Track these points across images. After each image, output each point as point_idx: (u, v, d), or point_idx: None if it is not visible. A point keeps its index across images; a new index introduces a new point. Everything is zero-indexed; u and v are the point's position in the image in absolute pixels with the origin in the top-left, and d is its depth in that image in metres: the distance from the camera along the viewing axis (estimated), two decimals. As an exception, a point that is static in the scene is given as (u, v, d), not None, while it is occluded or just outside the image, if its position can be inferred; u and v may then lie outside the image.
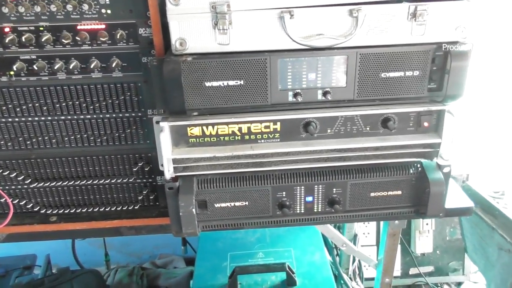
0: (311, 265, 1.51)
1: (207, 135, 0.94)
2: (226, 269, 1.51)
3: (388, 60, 0.90)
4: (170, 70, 0.86)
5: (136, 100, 1.02)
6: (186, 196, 0.95)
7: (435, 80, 0.92)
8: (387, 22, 0.88)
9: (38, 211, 1.13)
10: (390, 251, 1.38)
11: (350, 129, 0.96)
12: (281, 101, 0.92)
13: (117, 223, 1.11)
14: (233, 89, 0.90)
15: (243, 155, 0.95)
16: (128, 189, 1.12)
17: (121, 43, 0.97)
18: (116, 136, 1.06)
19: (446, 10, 0.88)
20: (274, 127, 0.94)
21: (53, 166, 1.08)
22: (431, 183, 0.97)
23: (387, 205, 1.03)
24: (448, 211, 1.04)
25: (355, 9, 0.86)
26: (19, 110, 1.02)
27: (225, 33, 0.87)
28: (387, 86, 0.92)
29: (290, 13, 0.85)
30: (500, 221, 1.42)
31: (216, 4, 0.85)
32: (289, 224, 1.04)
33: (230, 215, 1.01)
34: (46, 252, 1.91)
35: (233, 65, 0.88)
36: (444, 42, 0.89)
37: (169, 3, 0.85)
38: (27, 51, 0.96)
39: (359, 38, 0.88)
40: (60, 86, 1.00)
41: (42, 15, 0.93)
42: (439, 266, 2.12)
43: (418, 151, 0.97)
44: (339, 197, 1.01)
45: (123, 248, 2.35)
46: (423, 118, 0.95)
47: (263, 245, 1.61)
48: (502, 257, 1.41)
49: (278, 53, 0.88)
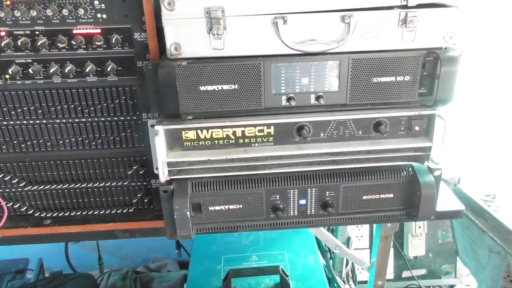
0: (304, 268, 1.52)
1: (201, 139, 0.95)
2: (220, 272, 1.51)
3: (380, 65, 0.91)
4: (165, 74, 0.87)
5: (131, 104, 1.03)
6: (181, 199, 0.96)
7: (425, 85, 0.94)
8: (379, 28, 0.89)
9: (32, 214, 1.13)
10: (383, 253, 1.39)
11: (342, 133, 0.97)
12: (274, 105, 0.93)
13: (111, 226, 1.11)
14: (228, 93, 0.91)
15: (237, 158, 0.96)
16: (123, 192, 1.12)
17: (117, 47, 0.98)
18: (111, 140, 1.06)
19: (435, 17, 0.90)
20: (268, 131, 0.96)
21: (48, 169, 1.08)
22: (422, 186, 0.99)
23: (380, 208, 1.04)
24: (439, 214, 1.06)
25: (347, 15, 0.88)
26: (14, 113, 1.02)
27: (219, 38, 0.88)
28: (379, 91, 0.94)
29: (283, 19, 0.87)
30: (490, 224, 1.44)
31: (210, 9, 0.86)
32: (282, 227, 1.05)
33: (224, 218, 1.01)
34: (39, 256, 1.90)
35: (228, 69, 0.89)
36: (434, 48, 0.91)
37: (164, 8, 0.86)
38: (23, 54, 0.97)
39: (351, 44, 0.90)
40: (55, 90, 1.00)
41: (38, 19, 0.94)
42: (431, 269, 2.14)
43: (409, 154, 0.99)
44: (332, 200, 1.02)
45: (117, 251, 2.35)
46: (414, 122, 0.97)
47: (257, 248, 1.61)
48: (492, 259, 1.43)
49: (272, 58, 0.90)
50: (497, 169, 1.87)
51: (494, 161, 1.88)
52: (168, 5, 0.86)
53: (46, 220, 1.12)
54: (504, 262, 1.37)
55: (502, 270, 1.38)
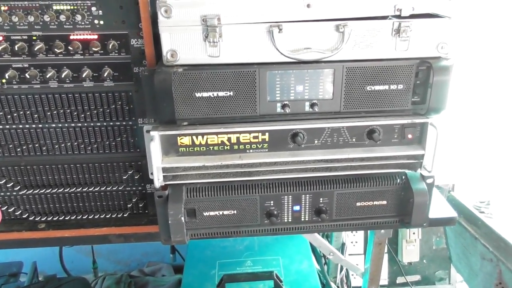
0: (299, 273, 1.53)
1: (196, 145, 0.96)
2: (215, 277, 1.51)
3: (373, 74, 0.92)
4: (161, 80, 0.88)
5: (127, 109, 1.03)
6: (175, 205, 0.96)
7: (418, 93, 0.95)
8: (372, 37, 0.91)
9: (27, 218, 1.13)
10: (376, 259, 1.40)
11: (336, 140, 0.98)
12: (269, 112, 0.94)
13: (106, 231, 1.11)
14: (223, 100, 0.92)
15: (232, 164, 0.97)
16: (118, 196, 1.13)
17: (113, 53, 0.98)
18: (107, 144, 1.07)
19: (428, 27, 0.91)
20: (262, 137, 0.96)
21: (43, 173, 1.08)
22: (415, 193, 1.00)
23: (373, 214, 1.05)
24: (432, 221, 1.07)
25: (342, 24, 0.89)
26: (10, 117, 1.02)
27: (215, 45, 0.89)
28: (373, 99, 0.95)
29: (278, 27, 0.88)
30: (483, 231, 1.45)
31: (206, 17, 0.87)
32: (276, 232, 1.05)
33: (219, 223, 1.02)
34: (33, 259, 1.89)
35: (223, 76, 0.90)
36: (426, 58, 0.93)
37: (161, 16, 0.87)
38: (20, 59, 0.97)
39: (345, 52, 0.91)
40: (52, 94, 1.01)
41: (35, 25, 0.95)
42: (425, 275, 2.15)
43: (402, 162, 1.00)
44: (326, 206, 1.03)
45: (111, 255, 2.34)
46: (407, 130, 0.98)
47: (252, 254, 1.62)
48: (484, 266, 1.44)
49: (267, 65, 0.91)
50: (491, 176, 1.89)
51: (488, 168, 1.90)
52: (165, 12, 0.86)
53: (40, 224, 1.12)
54: (496, 269, 1.38)
55: (494, 278, 1.39)
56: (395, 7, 0.90)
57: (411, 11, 0.90)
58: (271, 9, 0.88)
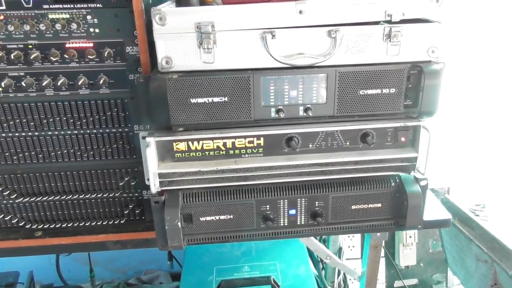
0: (296, 278, 1.53)
1: (192, 150, 0.97)
2: (212, 283, 1.51)
3: (366, 78, 0.94)
4: (156, 87, 0.89)
5: (122, 116, 1.04)
6: (172, 210, 0.97)
7: (410, 97, 0.96)
8: (364, 42, 0.92)
9: (23, 226, 1.13)
10: (373, 263, 1.40)
11: (330, 144, 0.99)
12: (264, 117, 0.95)
13: (103, 238, 1.12)
14: (218, 106, 0.93)
15: (227, 169, 0.98)
16: (114, 203, 1.13)
17: (109, 61, 0.99)
18: (103, 151, 1.07)
19: (419, 32, 0.93)
20: (257, 142, 0.97)
21: (39, 181, 1.09)
22: (409, 195, 1.01)
23: (368, 217, 1.06)
24: (427, 223, 1.07)
25: (334, 30, 0.90)
26: (6, 125, 1.03)
27: (209, 52, 0.90)
28: (365, 103, 0.96)
29: (272, 33, 0.89)
30: (477, 233, 1.46)
31: (201, 24, 0.88)
32: (273, 236, 1.06)
33: (215, 228, 1.02)
34: (29, 268, 1.88)
35: (218, 82, 0.91)
36: (418, 62, 0.94)
37: (156, 23, 0.88)
38: (16, 68, 0.98)
39: (338, 57, 0.92)
40: (48, 102, 1.01)
41: (31, 34, 0.96)
42: (423, 279, 2.15)
43: (396, 165, 1.01)
44: (321, 210, 1.03)
45: (109, 264, 2.33)
46: (400, 133, 0.99)
47: (249, 259, 1.62)
48: (479, 268, 1.45)
49: (261, 71, 0.92)
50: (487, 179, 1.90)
51: (483, 171, 1.91)
52: (160, 20, 0.88)
53: (37, 232, 1.12)
54: (491, 270, 1.39)
55: (489, 278, 1.39)
56: (386, 12, 0.91)
57: (401, 16, 0.92)
58: (264, 15, 0.89)
